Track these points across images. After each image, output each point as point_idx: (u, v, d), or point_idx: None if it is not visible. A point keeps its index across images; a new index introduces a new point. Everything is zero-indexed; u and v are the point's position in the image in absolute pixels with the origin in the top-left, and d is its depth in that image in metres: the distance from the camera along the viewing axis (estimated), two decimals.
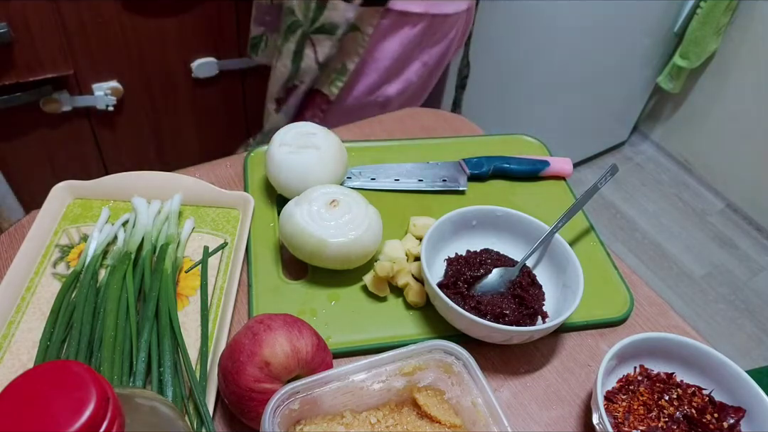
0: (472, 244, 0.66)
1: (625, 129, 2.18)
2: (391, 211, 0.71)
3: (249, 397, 0.47)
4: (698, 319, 1.73)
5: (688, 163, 2.14)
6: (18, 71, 1.09)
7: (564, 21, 1.53)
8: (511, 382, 0.58)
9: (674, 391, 0.56)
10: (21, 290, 0.60)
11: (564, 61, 1.64)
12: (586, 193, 0.68)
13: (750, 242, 1.96)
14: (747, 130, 1.89)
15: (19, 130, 1.21)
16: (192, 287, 0.62)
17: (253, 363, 0.47)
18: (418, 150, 0.81)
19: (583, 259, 0.61)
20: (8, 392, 0.27)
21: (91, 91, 1.20)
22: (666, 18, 1.78)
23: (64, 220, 0.67)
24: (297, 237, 0.60)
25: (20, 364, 0.55)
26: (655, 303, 0.67)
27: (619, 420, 0.53)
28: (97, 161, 1.34)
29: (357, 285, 0.64)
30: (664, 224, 2.00)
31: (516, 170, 0.78)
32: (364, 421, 0.48)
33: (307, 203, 0.62)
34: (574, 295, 0.58)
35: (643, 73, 1.95)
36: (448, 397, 0.50)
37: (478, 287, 0.61)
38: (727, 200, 2.05)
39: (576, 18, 1.53)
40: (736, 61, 1.86)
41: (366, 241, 0.61)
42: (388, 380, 0.48)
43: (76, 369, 0.28)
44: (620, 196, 2.06)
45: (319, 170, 0.68)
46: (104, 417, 0.27)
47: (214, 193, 0.70)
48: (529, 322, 0.59)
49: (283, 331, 0.49)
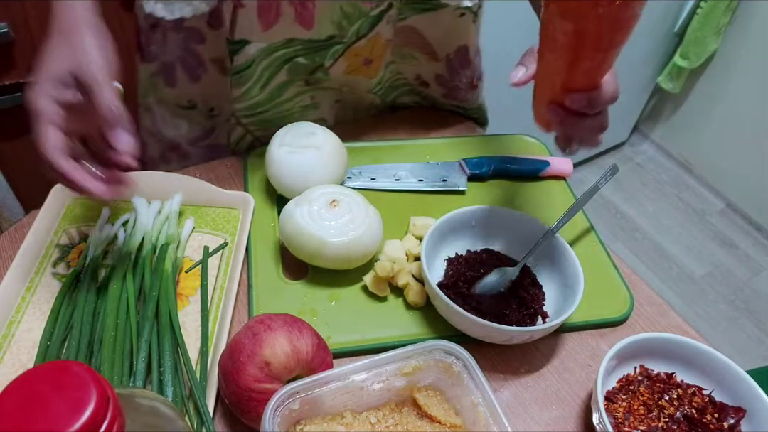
0: (472, 244, 0.66)
1: (625, 129, 2.18)
2: (391, 211, 0.71)
3: (249, 397, 0.47)
4: (698, 319, 1.73)
5: (688, 163, 2.14)
6: (18, 71, 1.09)
7: None
8: (511, 382, 0.58)
9: (674, 391, 0.56)
10: (21, 290, 0.60)
11: None
12: (586, 193, 0.68)
13: (750, 242, 1.96)
14: (747, 130, 1.89)
15: (19, 130, 1.20)
16: (192, 287, 0.62)
17: (253, 363, 0.47)
18: (418, 150, 0.81)
19: (583, 259, 0.61)
20: (8, 392, 0.27)
21: None
22: (666, 18, 1.78)
23: (64, 220, 0.67)
24: (297, 237, 0.60)
25: (20, 364, 0.55)
26: (655, 303, 0.67)
27: (619, 420, 0.53)
28: None
29: (357, 285, 0.64)
30: (664, 224, 2.00)
31: (516, 170, 0.78)
32: (364, 421, 0.48)
33: (307, 203, 0.62)
34: (574, 295, 0.58)
35: (643, 73, 1.95)
36: (448, 397, 0.50)
37: (478, 287, 0.61)
38: (727, 200, 2.05)
39: None
40: (736, 61, 1.86)
41: (366, 241, 0.61)
42: (388, 380, 0.48)
43: (76, 369, 0.28)
44: (620, 196, 2.06)
45: (319, 170, 0.67)
46: (104, 417, 0.27)
47: (214, 193, 0.70)
48: (529, 322, 0.59)
49: (283, 331, 0.49)
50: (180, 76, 0.74)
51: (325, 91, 0.78)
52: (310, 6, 0.64)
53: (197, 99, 0.77)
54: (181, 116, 0.79)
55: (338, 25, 0.67)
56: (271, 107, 0.75)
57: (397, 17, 0.72)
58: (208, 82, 0.75)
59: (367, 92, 0.80)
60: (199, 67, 0.73)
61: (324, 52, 0.70)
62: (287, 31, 0.66)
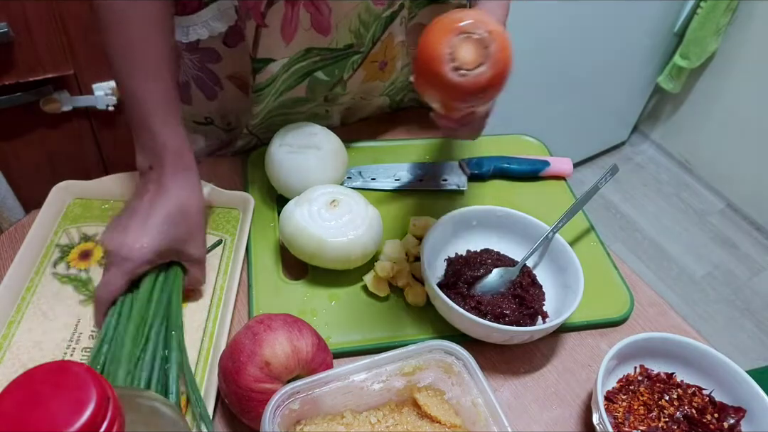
0: (472, 244, 0.66)
1: (625, 129, 2.18)
2: (391, 211, 0.71)
3: (249, 397, 0.47)
4: (698, 319, 1.73)
5: (688, 163, 2.14)
6: (18, 71, 1.09)
7: (564, 21, 1.53)
8: (511, 382, 0.58)
9: (674, 391, 0.56)
10: (21, 290, 0.60)
11: (564, 61, 1.64)
12: (587, 193, 0.68)
13: (750, 242, 1.96)
14: (747, 130, 1.89)
15: (19, 130, 1.21)
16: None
17: (253, 363, 0.47)
18: (418, 150, 0.81)
19: (584, 259, 0.61)
20: (8, 392, 0.27)
21: (92, 91, 1.20)
22: (666, 18, 1.78)
23: (64, 220, 0.67)
24: (297, 237, 0.60)
25: (20, 364, 0.55)
26: (655, 303, 0.67)
27: (619, 420, 0.53)
28: (97, 161, 1.34)
29: (357, 285, 0.64)
30: (664, 224, 2.00)
31: (516, 170, 0.78)
32: (364, 421, 0.48)
33: (308, 203, 0.62)
34: (574, 295, 0.58)
35: (643, 73, 1.95)
36: (449, 397, 0.50)
37: (478, 287, 0.61)
38: (727, 200, 2.05)
39: (576, 18, 1.53)
40: (736, 61, 1.86)
41: (366, 241, 0.61)
42: (388, 380, 0.48)
43: (76, 369, 0.28)
44: (620, 196, 2.06)
45: (319, 170, 0.67)
46: (104, 417, 0.27)
47: (214, 193, 0.70)
48: (530, 322, 0.59)
49: (283, 331, 0.49)
50: (195, 95, 0.74)
51: (341, 105, 0.78)
52: (325, 10, 0.62)
53: (214, 115, 0.77)
54: (198, 131, 0.78)
55: (356, 34, 0.66)
56: (279, 114, 0.74)
57: (409, 17, 0.72)
58: (225, 99, 0.74)
59: (380, 95, 0.80)
60: (215, 86, 0.73)
61: (343, 63, 0.69)
62: (305, 39, 0.64)
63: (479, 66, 0.45)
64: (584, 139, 2.03)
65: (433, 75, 0.46)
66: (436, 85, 0.47)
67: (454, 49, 0.45)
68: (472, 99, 0.48)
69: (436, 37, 0.45)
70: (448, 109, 0.53)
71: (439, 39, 0.45)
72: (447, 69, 0.45)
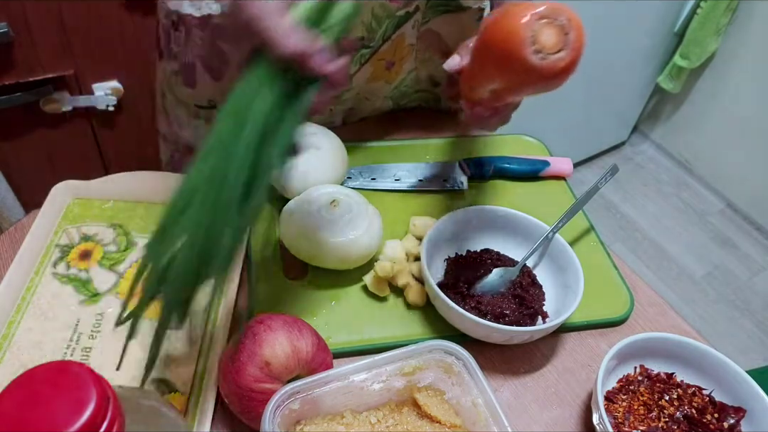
0: (472, 244, 0.66)
1: (625, 129, 2.18)
2: (391, 211, 0.71)
3: (249, 397, 0.47)
4: (698, 319, 1.73)
5: (688, 163, 2.14)
6: (18, 71, 1.09)
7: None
8: (511, 382, 0.58)
9: (674, 391, 0.56)
10: (21, 290, 0.60)
11: None
12: (587, 193, 0.68)
13: (750, 242, 1.96)
14: (747, 130, 1.89)
15: (19, 130, 1.21)
16: None
17: (253, 363, 0.47)
18: (418, 150, 0.81)
19: (584, 259, 0.61)
20: (8, 392, 0.27)
21: (92, 91, 1.20)
22: (666, 18, 1.78)
23: (64, 220, 0.67)
24: (297, 237, 0.60)
25: (20, 364, 0.55)
26: (655, 303, 0.67)
27: (619, 420, 0.53)
28: (97, 161, 1.34)
29: (357, 285, 0.64)
30: (664, 224, 2.00)
31: (516, 170, 0.78)
32: (364, 421, 0.48)
33: (307, 203, 0.62)
34: (574, 295, 0.58)
35: (643, 73, 1.95)
36: (449, 397, 0.50)
37: (478, 287, 0.61)
38: (727, 200, 2.05)
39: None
40: (736, 61, 1.86)
41: (366, 241, 0.61)
42: (388, 380, 0.48)
43: (76, 369, 0.28)
44: (620, 196, 2.06)
45: (319, 170, 0.67)
46: (104, 417, 0.27)
47: None
48: (530, 322, 0.59)
49: (283, 331, 0.49)
50: (200, 77, 0.73)
51: (343, 104, 0.78)
52: None
53: (218, 98, 0.76)
54: (199, 116, 0.78)
55: (368, 27, 0.66)
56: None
57: (422, 21, 0.72)
58: (231, 80, 0.74)
59: (384, 98, 0.80)
60: (222, 65, 0.72)
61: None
62: None
63: (559, 51, 0.45)
64: (584, 139, 2.03)
65: (511, 57, 0.46)
66: (511, 68, 0.47)
67: (536, 33, 0.45)
68: (543, 84, 0.48)
69: (517, 19, 0.45)
70: (502, 96, 0.53)
71: (520, 22, 0.45)
72: (528, 51, 0.45)
